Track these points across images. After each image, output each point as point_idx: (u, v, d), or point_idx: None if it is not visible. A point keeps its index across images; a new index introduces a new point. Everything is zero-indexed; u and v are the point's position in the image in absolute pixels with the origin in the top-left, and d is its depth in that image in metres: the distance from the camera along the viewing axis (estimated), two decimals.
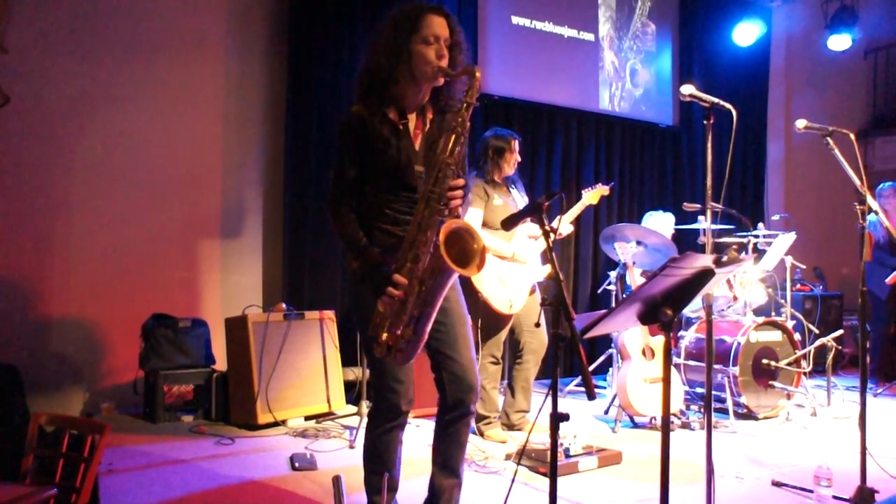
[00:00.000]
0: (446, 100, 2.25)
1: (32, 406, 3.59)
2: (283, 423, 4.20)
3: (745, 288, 4.76)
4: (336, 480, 2.20)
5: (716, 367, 4.47)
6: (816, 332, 5.50)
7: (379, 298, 2.08)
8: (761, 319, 4.70)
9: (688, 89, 2.58)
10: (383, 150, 2.17)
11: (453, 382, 2.27)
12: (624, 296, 4.94)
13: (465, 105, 2.08)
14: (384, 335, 2.08)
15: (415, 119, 2.26)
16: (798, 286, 6.70)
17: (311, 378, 4.41)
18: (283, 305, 4.50)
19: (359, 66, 2.29)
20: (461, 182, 2.12)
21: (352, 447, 3.75)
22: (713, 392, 3.35)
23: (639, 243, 4.50)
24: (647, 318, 2.01)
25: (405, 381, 2.26)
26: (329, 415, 4.42)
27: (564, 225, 4.19)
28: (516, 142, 3.99)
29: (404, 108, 2.23)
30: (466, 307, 2.40)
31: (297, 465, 3.39)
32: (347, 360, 4.70)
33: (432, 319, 2.11)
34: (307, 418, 4.34)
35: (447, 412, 2.32)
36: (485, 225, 3.82)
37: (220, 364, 4.52)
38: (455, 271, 1.98)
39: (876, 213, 3.07)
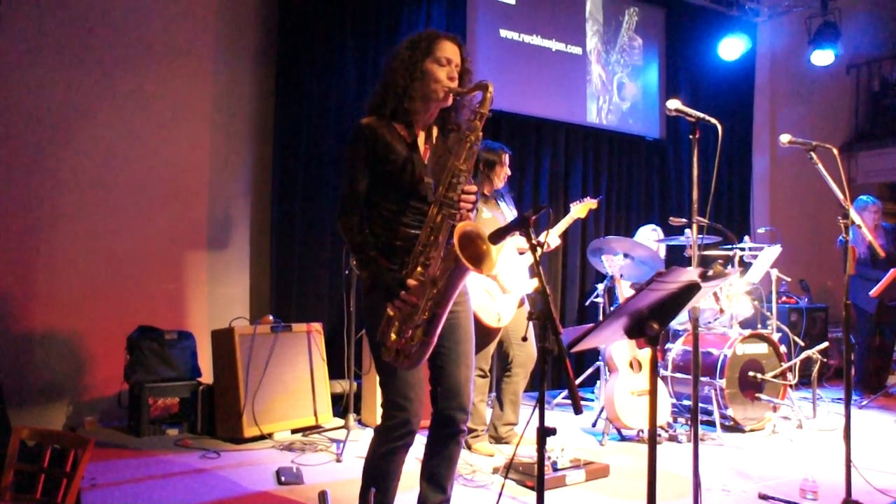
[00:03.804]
0: (453, 121, 2.35)
1: (14, 419, 3.55)
2: (270, 436, 4.17)
3: (732, 301, 4.78)
4: (322, 495, 2.20)
5: (702, 379, 4.48)
6: (802, 344, 5.53)
7: (390, 303, 2.12)
8: (747, 332, 4.73)
9: (674, 104, 2.60)
10: (394, 160, 2.23)
11: (446, 398, 2.29)
12: (611, 308, 4.96)
13: (478, 115, 2.17)
14: (393, 338, 2.10)
15: (423, 136, 2.34)
16: (784, 299, 6.74)
17: (298, 391, 4.39)
18: (271, 318, 4.48)
19: (375, 81, 2.42)
20: (473, 188, 2.19)
21: (339, 461, 3.73)
22: (700, 404, 3.36)
23: (626, 256, 4.53)
24: (633, 332, 2.01)
25: (415, 399, 2.24)
26: (316, 428, 4.39)
27: (553, 237, 4.20)
28: (507, 155, 4.00)
29: (413, 125, 2.30)
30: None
31: (283, 479, 3.37)
32: (335, 373, 4.68)
33: (443, 321, 2.13)
34: (294, 431, 4.32)
35: (438, 428, 2.32)
36: None
37: (207, 377, 4.49)
38: (469, 270, 2.03)
39: (859, 226, 3.10)
